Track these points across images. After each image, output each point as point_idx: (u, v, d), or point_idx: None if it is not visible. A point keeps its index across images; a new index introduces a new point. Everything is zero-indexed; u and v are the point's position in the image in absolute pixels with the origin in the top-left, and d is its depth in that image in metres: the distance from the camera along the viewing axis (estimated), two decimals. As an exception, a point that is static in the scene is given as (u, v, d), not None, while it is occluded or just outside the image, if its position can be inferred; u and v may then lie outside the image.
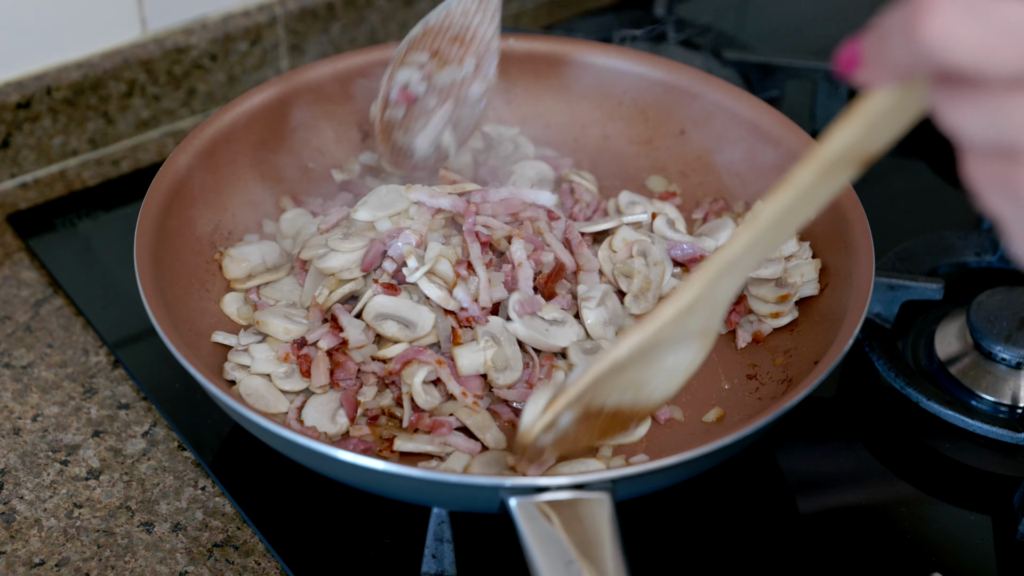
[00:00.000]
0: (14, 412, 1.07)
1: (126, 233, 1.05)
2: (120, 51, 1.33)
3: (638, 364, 0.80)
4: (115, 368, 1.11)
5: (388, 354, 1.00)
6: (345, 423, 0.98)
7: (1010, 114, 0.52)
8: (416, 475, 0.84)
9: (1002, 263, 1.18)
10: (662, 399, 0.85)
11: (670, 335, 0.78)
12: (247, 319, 1.06)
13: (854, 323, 0.96)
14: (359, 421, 0.98)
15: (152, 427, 1.06)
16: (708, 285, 0.75)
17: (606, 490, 0.83)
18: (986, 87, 0.52)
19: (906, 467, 1.05)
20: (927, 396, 1.05)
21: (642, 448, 0.99)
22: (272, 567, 0.96)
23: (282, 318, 1.02)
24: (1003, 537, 0.99)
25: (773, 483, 1.04)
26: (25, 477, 1.02)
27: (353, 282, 1.03)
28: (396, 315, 1.00)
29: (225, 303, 1.08)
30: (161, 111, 1.37)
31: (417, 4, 1.50)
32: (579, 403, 0.82)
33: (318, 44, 1.44)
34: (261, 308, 1.06)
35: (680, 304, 0.76)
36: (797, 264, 1.07)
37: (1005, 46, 0.50)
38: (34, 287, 1.19)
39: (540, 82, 1.24)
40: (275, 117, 1.16)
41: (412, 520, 0.97)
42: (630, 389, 0.83)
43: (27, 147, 1.30)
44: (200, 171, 1.10)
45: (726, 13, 1.61)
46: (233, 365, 1.01)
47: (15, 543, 0.97)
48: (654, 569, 0.96)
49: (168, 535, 0.98)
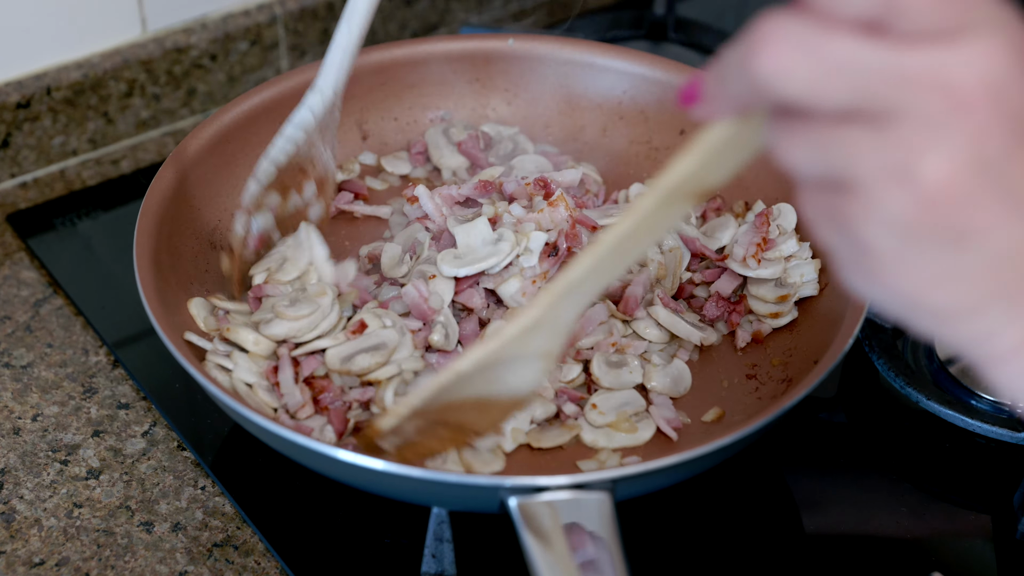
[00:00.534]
0: (14, 412, 1.07)
1: (126, 233, 1.05)
2: (120, 51, 1.33)
3: (481, 379, 0.82)
4: (115, 368, 1.11)
5: (378, 376, 0.98)
6: (332, 438, 0.96)
7: (837, 147, 0.54)
8: (416, 475, 0.84)
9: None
10: (503, 417, 0.88)
11: (513, 353, 0.81)
12: (212, 330, 1.02)
13: (854, 323, 0.96)
14: (347, 436, 0.97)
15: (152, 427, 1.06)
16: (551, 307, 0.77)
17: (606, 490, 0.83)
18: (815, 120, 0.54)
19: (906, 467, 1.05)
20: (927, 396, 1.05)
21: (641, 449, 0.99)
22: (272, 567, 0.96)
23: (251, 330, 1.00)
24: (1003, 537, 0.99)
25: (773, 483, 1.04)
26: (25, 477, 1.02)
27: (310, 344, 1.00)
28: (360, 348, 0.98)
29: (192, 306, 1.02)
30: (161, 111, 1.37)
31: (417, 4, 1.50)
32: (423, 412, 0.85)
33: (318, 44, 1.44)
34: (224, 322, 1.02)
35: (523, 323, 0.78)
36: (797, 264, 1.07)
37: (833, 80, 0.53)
38: (34, 287, 1.19)
39: (540, 82, 1.24)
40: (275, 117, 1.16)
41: (412, 520, 0.97)
42: (472, 404, 0.85)
43: (27, 147, 1.30)
44: (200, 171, 1.10)
45: (726, 13, 1.61)
46: (213, 365, 0.98)
47: (15, 543, 0.97)
48: (654, 569, 0.96)
49: (168, 535, 0.98)
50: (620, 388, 1.01)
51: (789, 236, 1.08)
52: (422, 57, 1.22)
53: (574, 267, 0.73)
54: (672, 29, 1.50)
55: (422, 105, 1.24)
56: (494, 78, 1.24)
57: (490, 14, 1.57)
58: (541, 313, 0.78)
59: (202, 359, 0.98)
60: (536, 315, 0.78)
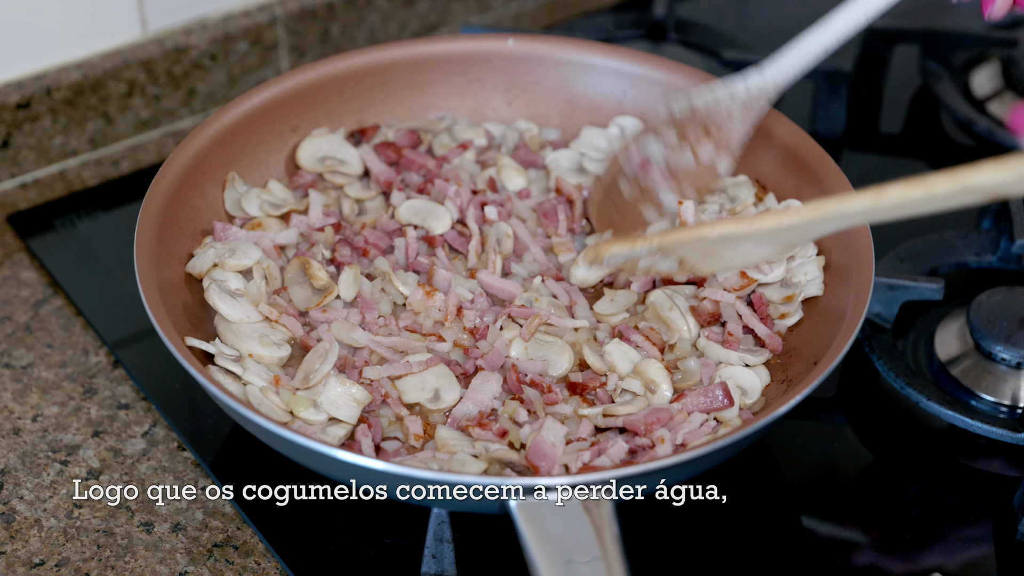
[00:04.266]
0: (14, 412, 1.07)
1: (126, 233, 1.05)
2: (120, 51, 1.33)
3: (721, 243, 0.96)
4: (115, 368, 1.11)
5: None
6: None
7: None
8: (416, 475, 0.84)
9: (1002, 263, 1.18)
10: (722, 268, 1.02)
11: (759, 238, 0.94)
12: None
13: (854, 323, 0.96)
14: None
15: (152, 427, 1.06)
16: (812, 222, 0.90)
17: (606, 490, 0.83)
18: None
19: (906, 467, 1.05)
20: (927, 396, 1.05)
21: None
22: (272, 567, 0.96)
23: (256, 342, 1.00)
24: (1003, 537, 0.99)
25: (773, 483, 1.04)
26: (25, 477, 1.02)
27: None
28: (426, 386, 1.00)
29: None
30: (161, 111, 1.37)
31: (417, 4, 1.50)
32: (659, 250, 0.99)
33: (318, 44, 1.44)
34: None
35: (780, 223, 0.91)
36: (801, 263, 1.07)
37: None
38: (34, 287, 1.19)
39: (540, 82, 1.24)
40: (275, 117, 1.16)
41: (412, 520, 0.97)
42: (702, 252, 0.98)
43: (27, 147, 1.30)
44: (200, 171, 1.10)
45: (726, 13, 1.61)
46: (219, 370, 0.98)
47: (15, 543, 0.97)
48: (654, 569, 0.96)
49: (168, 535, 0.98)
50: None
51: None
52: (422, 57, 1.22)
53: (848, 202, 0.86)
54: (672, 29, 1.50)
55: (422, 105, 1.24)
56: (494, 78, 1.24)
57: (490, 14, 1.57)
58: (799, 222, 0.90)
59: (203, 360, 0.98)
60: (794, 221, 0.90)
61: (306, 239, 1.11)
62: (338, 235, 1.12)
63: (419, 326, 1.04)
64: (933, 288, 1.09)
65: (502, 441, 0.96)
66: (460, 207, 1.13)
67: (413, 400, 0.99)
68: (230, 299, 1.02)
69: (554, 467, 0.93)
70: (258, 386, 0.96)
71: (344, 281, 1.06)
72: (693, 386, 1.00)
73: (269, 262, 1.06)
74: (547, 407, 0.99)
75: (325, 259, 1.09)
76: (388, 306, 1.06)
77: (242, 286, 1.04)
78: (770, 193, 1.14)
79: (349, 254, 1.09)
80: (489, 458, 0.93)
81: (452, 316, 1.04)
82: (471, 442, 0.95)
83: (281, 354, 1.00)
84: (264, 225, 1.11)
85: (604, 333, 1.05)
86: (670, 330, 1.04)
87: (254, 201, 1.12)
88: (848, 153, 1.39)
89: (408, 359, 1.01)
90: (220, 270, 1.04)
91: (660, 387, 0.99)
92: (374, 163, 1.17)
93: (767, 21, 1.60)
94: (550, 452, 0.93)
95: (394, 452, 0.95)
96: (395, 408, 0.98)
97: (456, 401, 0.99)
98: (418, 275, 1.08)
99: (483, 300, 1.06)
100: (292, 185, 1.16)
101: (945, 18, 1.48)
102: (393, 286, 1.06)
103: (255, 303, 1.03)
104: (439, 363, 1.01)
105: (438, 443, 0.95)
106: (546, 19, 1.58)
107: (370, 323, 1.04)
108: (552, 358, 1.02)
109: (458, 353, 1.03)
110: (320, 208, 1.12)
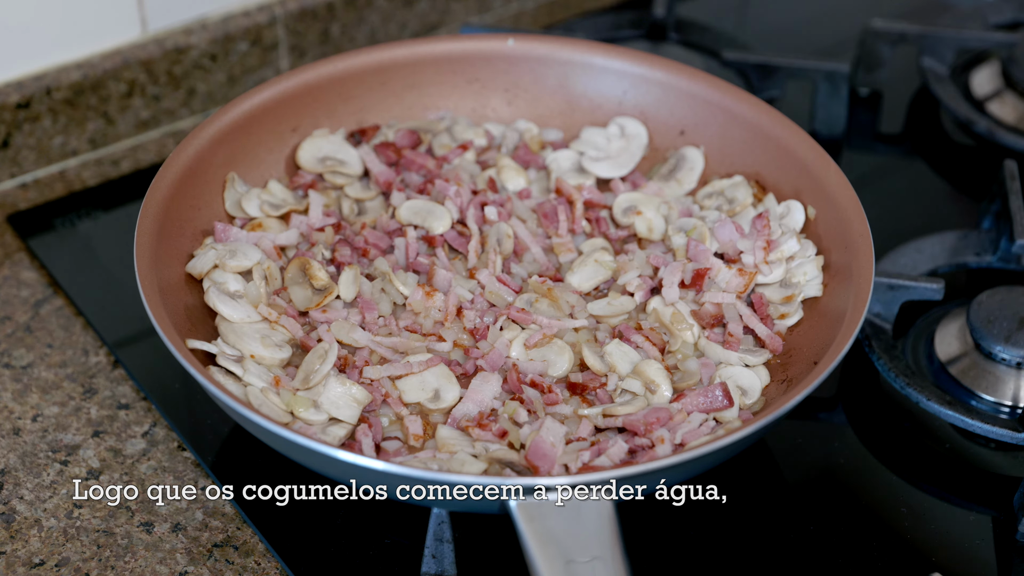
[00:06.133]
0: (14, 412, 1.07)
1: (126, 233, 1.05)
2: (120, 51, 1.33)
3: None
4: (115, 368, 1.11)
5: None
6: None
7: None
8: (416, 475, 0.84)
9: (1002, 263, 1.18)
10: None
11: None
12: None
13: (854, 323, 0.96)
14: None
15: (152, 427, 1.06)
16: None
17: (606, 490, 0.83)
18: None
19: (906, 467, 1.05)
20: (927, 396, 1.05)
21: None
22: (272, 567, 0.96)
23: (258, 343, 1.00)
24: (1003, 537, 0.99)
25: (773, 483, 1.04)
26: (25, 477, 1.02)
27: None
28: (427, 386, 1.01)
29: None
30: (161, 111, 1.37)
31: (417, 4, 1.50)
32: None
33: (318, 44, 1.44)
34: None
35: None
36: (800, 263, 1.07)
37: None
38: (34, 287, 1.19)
39: (540, 82, 1.24)
40: (275, 117, 1.16)
41: (412, 520, 0.97)
42: None
43: (27, 147, 1.30)
44: (200, 171, 1.10)
45: (726, 13, 1.61)
46: (221, 371, 0.98)
47: (15, 543, 0.97)
48: (654, 569, 0.96)
49: (168, 535, 0.98)
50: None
51: (790, 236, 1.08)
52: (422, 57, 1.22)
53: None
54: (672, 29, 1.50)
55: (422, 105, 1.24)
56: (494, 78, 1.24)
57: (490, 14, 1.57)
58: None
59: (203, 360, 0.98)
60: None
61: (306, 239, 1.11)
62: (338, 235, 1.12)
63: (419, 326, 1.04)
64: (933, 288, 1.09)
65: (502, 441, 0.96)
66: (460, 207, 1.13)
67: (413, 400, 0.99)
68: (230, 300, 1.02)
69: (554, 467, 0.93)
70: (258, 387, 0.96)
71: (344, 281, 1.06)
72: (693, 386, 1.00)
73: (269, 263, 1.06)
74: (547, 407, 0.99)
75: (325, 259, 1.09)
76: (388, 306, 1.06)
77: (242, 288, 1.04)
78: (770, 193, 1.14)
79: (349, 254, 1.09)
80: (489, 458, 0.93)
81: (452, 316, 1.04)
82: (471, 442, 0.95)
83: (283, 355, 1.00)
84: (264, 225, 1.11)
85: (604, 333, 1.05)
86: (674, 336, 1.04)
87: (254, 201, 1.12)
88: (848, 153, 1.39)
89: (408, 359, 1.01)
90: (220, 272, 1.04)
91: (660, 387, 0.99)
92: (374, 163, 1.17)
93: (767, 21, 1.60)
94: (550, 452, 0.93)
95: (394, 452, 0.95)
96: (395, 408, 0.98)
97: (456, 401, 0.99)
98: (418, 275, 1.08)
99: (483, 300, 1.06)
100: (292, 185, 1.16)
101: (945, 18, 1.48)
102: (393, 286, 1.06)
103: (255, 304, 1.03)
104: (439, 363, 1.01)
105: (438, 443, 0.95)
106: (546, 19, 1.58)
107: (370, 323, 1.04)
108: (552, 358, 1.02)
109: (458, 353, 1.03)
110: (320, 208, 1.12)
